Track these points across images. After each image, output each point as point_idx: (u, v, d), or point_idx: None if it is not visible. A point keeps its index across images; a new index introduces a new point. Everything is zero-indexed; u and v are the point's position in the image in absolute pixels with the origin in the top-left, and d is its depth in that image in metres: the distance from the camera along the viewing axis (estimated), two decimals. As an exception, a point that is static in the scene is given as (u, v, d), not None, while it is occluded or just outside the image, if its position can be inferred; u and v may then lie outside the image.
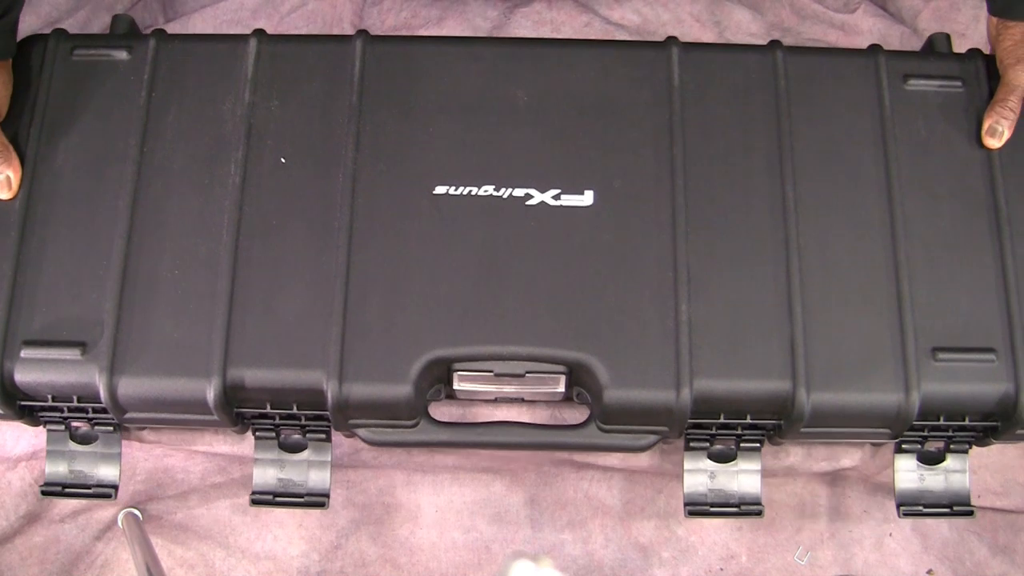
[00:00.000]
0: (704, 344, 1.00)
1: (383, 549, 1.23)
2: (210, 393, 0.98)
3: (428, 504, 1.25)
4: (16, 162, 1.05)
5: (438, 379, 1.03)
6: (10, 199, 1.05)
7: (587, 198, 1.06)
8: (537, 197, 1.05)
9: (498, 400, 1.15)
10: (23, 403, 1.03)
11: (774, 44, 1.13)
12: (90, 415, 1.05)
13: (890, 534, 1.25)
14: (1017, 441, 1.09)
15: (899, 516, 1.10)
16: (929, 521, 1.26)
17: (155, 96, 1.09)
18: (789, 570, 1.24)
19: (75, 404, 1.03)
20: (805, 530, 1.25)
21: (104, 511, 1.23)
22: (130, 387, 0.99)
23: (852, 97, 1.11)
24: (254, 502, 1.07)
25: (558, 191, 1.06)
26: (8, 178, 1.04)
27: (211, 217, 1.05)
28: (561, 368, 1.01)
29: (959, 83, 1.12)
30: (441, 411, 1.15)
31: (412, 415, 1.02)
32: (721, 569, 1.24)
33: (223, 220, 1.04)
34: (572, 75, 1.11)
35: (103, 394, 0.99)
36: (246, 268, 1.03)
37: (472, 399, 1.14)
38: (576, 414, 1.16)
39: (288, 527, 1.24)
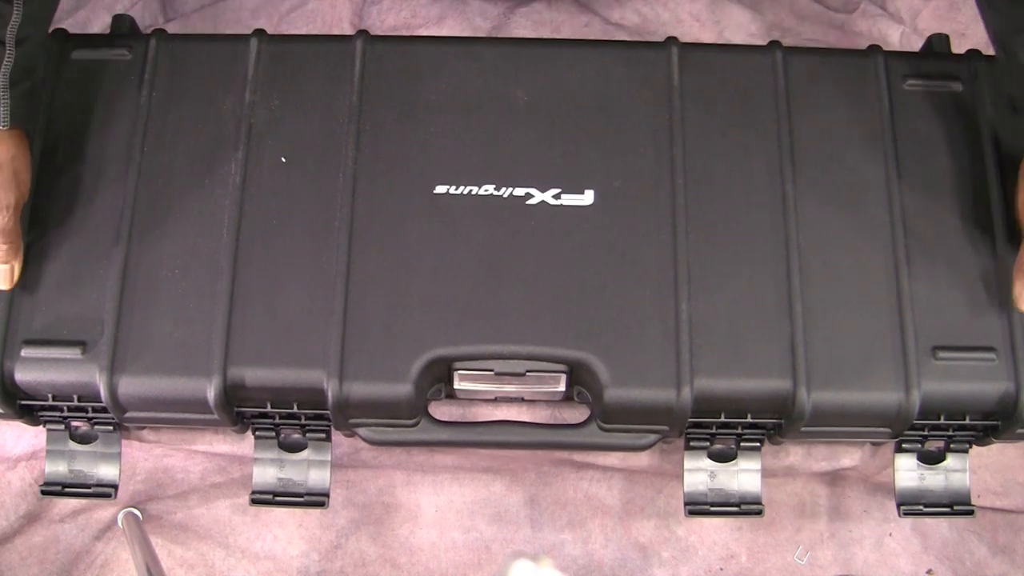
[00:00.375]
0: (704, 343, 1.00)
1: (383, 549, 1.23)
2: (210, 392, 0.98)
3: (428, 504, 1.25)
4: (21, 253, 1.02)
5: (438, 378, 1.03)
6: (7, 290, 1.02)
7: (587, 197, 1.05)
8: (537, 196, 1.05)
9: (498, 399, 1.15)
10: (23, 402, 1.03)
11: (773, 44, 1.13)
12: (90, 415, 1.05)
13: (890, 534, 1.25)
14: (1017, 440, 1.09)
15: (899, 515, 1.10)
16: (929, 521, 1.25)
17: (155, 96, 1.09)
18: (789, 570, 1.24)
19: (75, 404, 1.03)
20: (805, 530, 1.25)
21: (104, 511, 1.23)
22: (130, 386, 0.99)
23: (851, 97, 1.11)
24: (254, 502, 1.07)
25: (558, 190, 1.06)
26: (11, 268, 1.01)
27: (211, 216, 1.04)
28: (562, 367, 1.01)
29: (958, 83, 1.12)
30: (441, 411, 1.15)
31: (412, 414, 1.02)
32: (721, 569, 1.24)
33: (223, 219, 1.04)
34: (572, 75, 1.11)
35: (103, 393, 0.99)
36: (246, 267, 1.02)
37: (472, 399, 1.14)
38: (576, 414, 1.16)
39: (288, 527, 1.24)
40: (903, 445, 1.09)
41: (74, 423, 1.07)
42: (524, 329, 1.01)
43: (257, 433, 1.07)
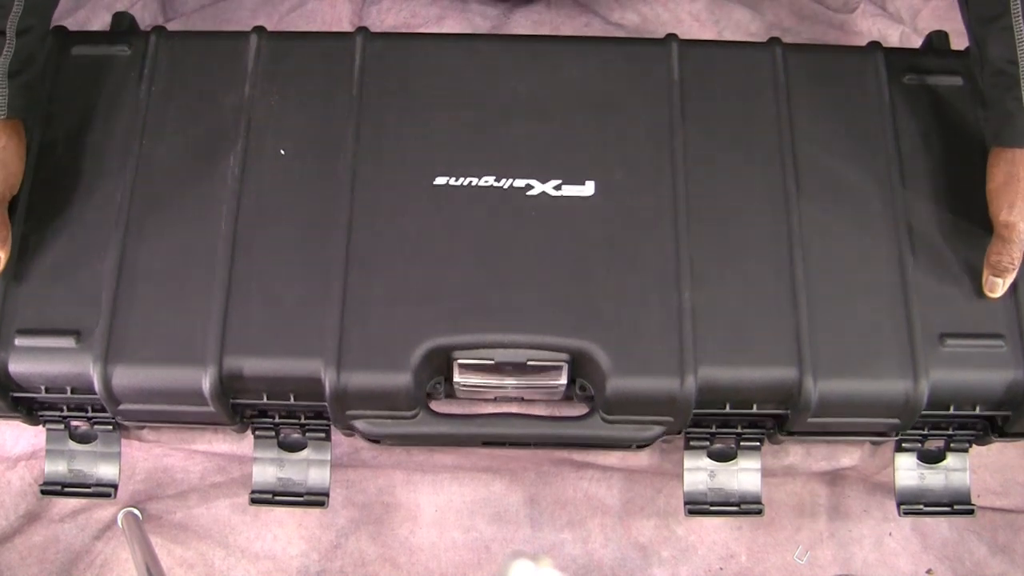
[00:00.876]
0: (708, 332, 1.00)
1: (383, 549, 1.23)
2: (206, 382, 0.97)
3: (428, 504, 1.24)
4: (9, 244, 1.01)
5: (438, 370, 1.03)
6: None
7: (588, 188, 1.05)
8: (538, 187, 1.05)
9: (497, 399, 1.14)
10: (16, 395, 1.02)
11: (773, 41, 1.14)
12: (89, 414, 1.05)
13: (890, 533, 1.25)
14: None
15: (899, 515, 1.10)
16: (928, 520, 1.25)
17: (155, 90, 1.10)
18: (789, 569, 1.24)
19: (74, 401, 1.03)
20: (805, 529, 1.25)
21: (104, 510, 1.22)
22: (124, 376, 0.98)
23: (852, 91, 1.12)
24: (253, 501, 1.07)
25: (559, 181, 1.06)
26: None
27: (209, 207, 1.04)
28: (563, 356, 1.00)
29: (958, 77, 1.13)
30: (440, 409, 1.15)
31: (411, 405, 1.01)
32: (721, 568, 1.24)
33: (221, 210, 1.04)
34: (572, 70, 1.12)
35: (97, 384, 0.98)
36: (243, 257, 1.02)
37: (472, 397, 1.13)
38: (577, 412, 1.15)
39: (288, 527, 1.23)
40: (903, 444, 1.09)
41: (74, 422, 1.07)
42: (525, 318, 1.00)
43: (256, 432, 1.07)
